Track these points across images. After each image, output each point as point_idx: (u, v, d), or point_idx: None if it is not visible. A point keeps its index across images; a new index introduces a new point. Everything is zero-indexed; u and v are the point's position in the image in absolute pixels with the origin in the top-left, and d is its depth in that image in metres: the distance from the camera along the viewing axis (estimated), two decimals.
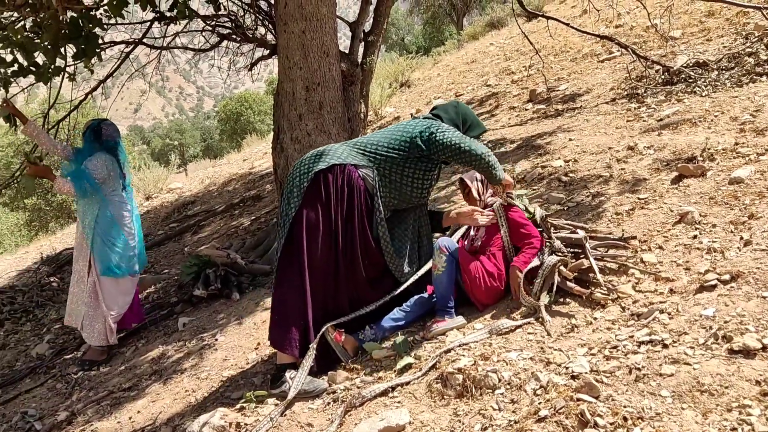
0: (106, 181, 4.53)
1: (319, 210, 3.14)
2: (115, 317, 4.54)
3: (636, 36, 8.00)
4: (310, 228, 3.13)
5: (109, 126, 4.69)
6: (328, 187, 3.15)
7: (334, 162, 3.18)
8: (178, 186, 12.31)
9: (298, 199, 3.16)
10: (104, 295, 4.51)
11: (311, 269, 3.14)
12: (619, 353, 2.52)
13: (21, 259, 10.02)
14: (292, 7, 5.01)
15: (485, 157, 3.17)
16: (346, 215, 3.18)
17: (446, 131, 3.20)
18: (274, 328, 3.19)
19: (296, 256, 3.15)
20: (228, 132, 41.46)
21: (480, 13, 24.95)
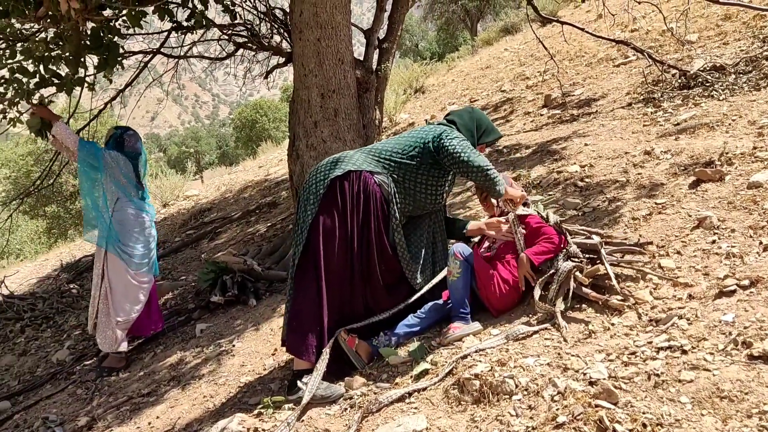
0: (119, 180, 4.57)
1: (335, 216, 3.16)
2: (122, 324, 4.55)
3: (652, 40, 7.96)
4: (326, 234, 3.15)
5: (131, 136, 4.73)
6: (344, 193, 3.17)
7: (349, 168, 3.20)
8: (194, 193, 12.41)
9: (314, 206, 3.18)
10: (113, 301, 4.54)
11: (327, 275, 3.16)
12: (638, 359, 2.51)
13: (41, 266, 10.14)
14: (307, 15, 5.05)
15: (484, 169, 3.15)
16: (362, 222, 3.19)
17: (454, 139, 3.20)
18: (290, 333, 3.20)
19: (312, 262, 3.17)
20: (243, 139, 41.75)
21: (494, 18, 24.94)
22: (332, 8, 5.06)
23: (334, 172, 3.20)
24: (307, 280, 3.18)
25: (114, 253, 4.55)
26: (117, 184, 4.58)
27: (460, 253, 3.25)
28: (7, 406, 4.44)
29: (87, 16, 3.99)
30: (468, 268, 3.25)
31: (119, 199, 4.60)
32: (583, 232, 3.47)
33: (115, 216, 4.58)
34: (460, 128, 3.37)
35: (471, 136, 3.39)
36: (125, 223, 4.59)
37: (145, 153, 4.88)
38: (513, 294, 3.31)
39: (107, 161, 4.53)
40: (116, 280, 4.57)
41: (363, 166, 3.23)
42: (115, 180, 4.57)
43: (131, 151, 4.69)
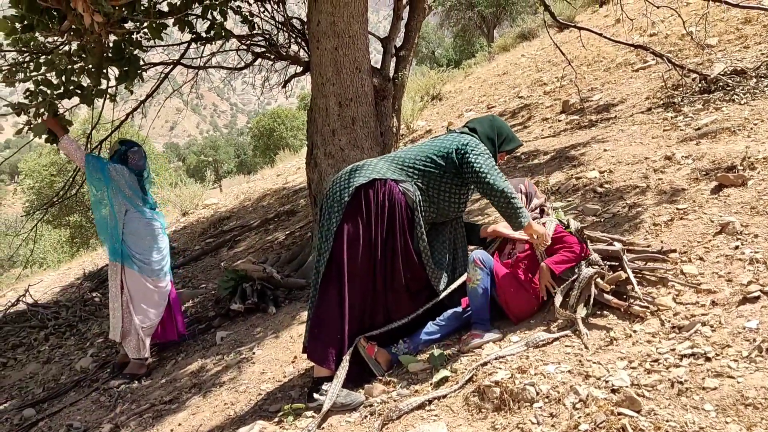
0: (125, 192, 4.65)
1: (359, 224, 3.17)
2: (146, 330, 4.64)
3: (671, 44, 7.90)
4: (350, 242, 3.16)
5: (135, 153, 4.80)
6: (368, 201, 3.18)
7: (374, 177, 3.21)
8: (213, 202, 12.51)
9: (338, 213, 3.19)
10: (134, 309, 4.63)
11: (350, 284, 3.17)
12: (661, 366, 2.49)
13: (64, 275, 10.28)
14: (324, 24, 5.09)
15: (508, 196, 3.13)
16: (387, 230, 3.20)
17: (480, 155, 3.20)
18: (311, 341, 3.22)
19: (336, 270, 3.18)
20: (261, 148, 42.05)
21: (510, 24, 24.90)
22: (349, 17, 5.09)
23: (358, 180, 3.21)
24: (330, 288, 3.19)
25: (129, 265, 4.64)
26: (123, 195, 4.67)
27: (480, 260, 3.24)
28: (32, 413, 4.51)
29: (109, 29, 4.06)
30: (488, 275, 3.24)
31: (128, 210, 4.69)
32: (604, 238, 3.45)
33: (127, 227, 4.67)
34: (481, 137, 3.37)
35: (492, 145, 3.40)
36: (138, 233, 4.68)
37: (148, 167, 4.97)
38: (533, 301, 3.29)
39: (112, 174, 4.63)
40: (135, 289, 4.65)
41: (387, 174, 3.24)
42: (121, 192, 4.66)
43: (135, 168, 4.79)
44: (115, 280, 4.69)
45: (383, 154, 5.62)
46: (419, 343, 3.31)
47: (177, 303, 4.97)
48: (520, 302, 3.28)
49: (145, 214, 4.75)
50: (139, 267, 4.64)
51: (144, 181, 4.86)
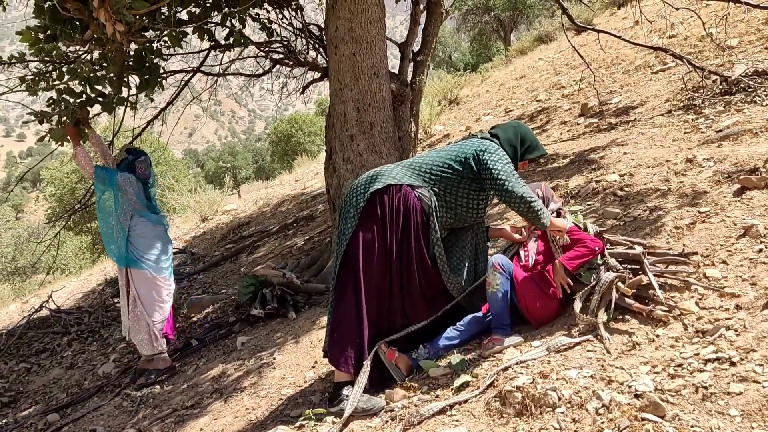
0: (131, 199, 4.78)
1: (375, 230, 3.18)
2: (158, 324, 4.77)
3: (691, 46, 7.83)
4: (365, 247, 3.18)
5: (142, 163, 4.91)
6: (383, 207, 3.19)
7: (389, 182, 3.22)
8: (232, 207, 12.59)
9: (354, 219, 3.21)
10: (145, 307, 4.74)
11: (367, 288, 3.18)
12: (685, 371, 2.46)
13: (86, 281, 10.41)
14: (342, 30, 5.12)
15: (527, 201, 3.14)
16: (402, 235, 3.21)
17: (498, 161, 3.19)
18: (331, 345, 3.23)
19: (352, 275, 3.20)
20: (279, 153, 42.23)
21: (527, 28, 24.81)
22: (367, 23, 5.12)
23: (373, 185, 3.23)
24: (347, 292, 3.21)
25: (138, 267, 4.78)
26: (129, 203, 4.81)
27: (499, 264, 3.23)
28: (56, 418, 4.57)
29: (131, 38, 4.12)
30: (507, 279, 3.23)
31: (133, 215, 4.83)
32: (624, 242, 3.42)
33: (134, 230, 4.82)
34: (503, 143, 3.36)
35: (513, 151, 3.37)
36: (145, 234, 4.84)
37: (154, 175, 5.10)
38: (553, 305, 3.27)
39: (120, 183, 4.76)
40: (143, 288, 4.80)
41: (403, 179, 3.25)
42: (127, 199, 4.80)
43: (143, 177, 4.91)
44: (123, 284, 4.85)
45: (402, 158, 5.63)
46: (439, 349, 3.31)
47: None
48: (541, 306, 3.26)
49: (150, 217, 4.92)
50: (148, 266, 4.80)
51: (149, 188, 4.99)
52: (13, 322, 7.80)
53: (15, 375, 5.76)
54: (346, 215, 3.27)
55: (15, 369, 5.88)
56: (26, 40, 4.71)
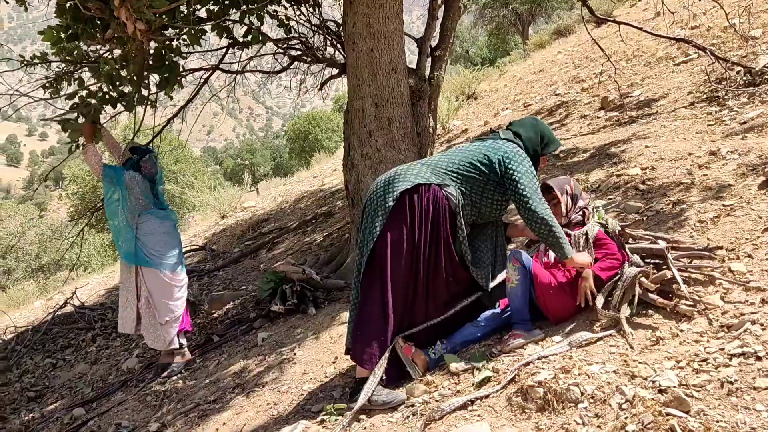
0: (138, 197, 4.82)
1: (403, 229, 3.18)
2: (170, 323, 4.79)
3: (714, 37, 7.71)
4: (394, 246, 3.18)
5: (147, 161, 4.93)
6: (413, 206, 3.19)
7: (419, 181, 3.22)
8: (251, 204, 12.67)
9: (382, 218, 3.20)
10: (156, 305, 4.79)
11: (393, 288, 3.18)
12: (710, 366, 2.43)
13: (108, 277, 10.54)
14: (360, 26, 5.11)
15: (549, 224, 3.12)
16: (431, 235, 3.20)
17: (524, 174, 3.18)
18: (355, 343, 3.24)
19: (379, 273, 3.20)
20: (297, 150, 42.40)
21: (546, 21, 24.62)
22: (385, 18, 5.10)
23: (403, 184, 3.22)
24: (373, 290, 3.21)
25: (147, 265, 4.80)
26: (136, 201, 4.84)
27: (518, 260, 3.21)
28: (81, 412, 4.64)
29: (151, 37, 4.15)
30: (527, 274, 3.21)
31: (141, 213, 4.86)
32: (647, 237, 3.38)
33: (141, 229, 4.83)
34: (525, 142, 3.36)
35: (534, 149, 3.38)
36: (153, 231, 4.85)
37: (161, 172, 5.13)
38: (572, 302, 3.24)
39: (127, 182, 4.79)
40: (154, 286, 4.82)
41: (432, 179, 3.24)
42: (135, 197, 4.82)
43: (148, 175, 4.93)
44: (129, 281, 4.87)
45: (420, 154, 5.61)
46: (457, 344, 3.30)
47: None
48: (560, 303, 3.24)
49: (157, 214, 4.93)
50: (157, 264, 4.81)
51: (156, 186, 5.02)
52: (38, 318, 7.93)
53: (41, 370, 5.86)
54: (373, 214, 3.26)
55: (41, 364, 5.98)
56: (48, 40, 4.77)
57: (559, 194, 3.42)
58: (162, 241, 4.86)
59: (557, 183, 3.47)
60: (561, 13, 21.56)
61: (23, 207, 25.60)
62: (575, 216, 3.42)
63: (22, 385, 5.58)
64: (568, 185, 3.47)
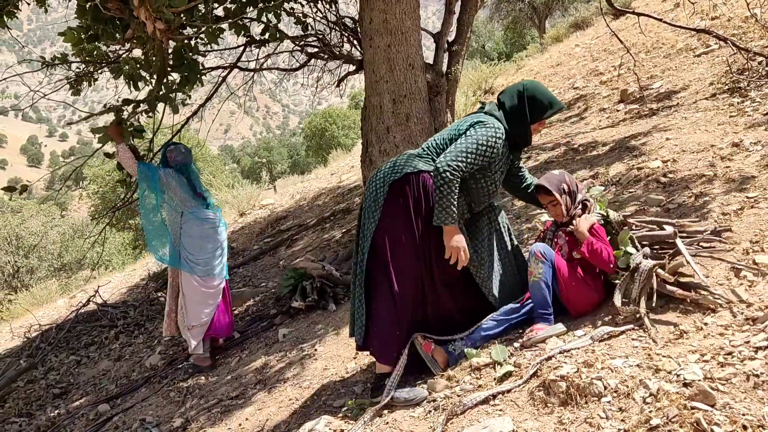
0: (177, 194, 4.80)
1: (399, 221, 3.15)
2: (195, 329, 4.80)
3: (735, 27, 7.60)
4: (393, 239, 3.15)
5: (171, 151, 4.93)
6: (405, 197, 3.16)
7: (407, 170, 3.18)
8: (269, 202, 12.74)
9: (377, 212, 3.18)
10: (186, 309, 4.82)
11: (399, 280, 3.15)
12: (735, 359, 2.40)
13: (129, 276, 10.66)
14: (377, 22, 5.11)
15: (448, 178, 3.02)
16: (426, 222, 3.17)
17: (473, 136, 3.09)
18: (372, 339, 3.24)
19: (383, 267, 3.18)
20: (314, 147, 42.56)
21: (563, 14, 24.42)
22: (401, 14, 5.10)
23: (393, 176, 3.19)
24: (380, 286, 3.20)
25: (183, 268, 4.83)
26: (177, 199, 4.82)
27: (541, 253, 3.19)
28: (106, 408, 4.70)
29: (170, 36, 4.19)
30: (550, 267, 3.19)
31: (183, 213, 4.84)
32: (653, 222, 3.27)
33: (184, 229, 4.83)
34: (509, 110, 3.25)
35: (521, 117, 3.24)
36: (192, 234, 4.83)
37: (191, 161, 5.02)
38: (594, 296, 3.22)
39: (162, 179, 4.78)
40: (188, 290, 4.84)
41: (420, 165, 3.20)
42: (174, 193, 4.81)
43: (175, 164, 4.90)
44: (173, 284, 4.93)
45: None
46: (477, 340, 3.27)
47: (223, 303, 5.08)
48: (583, 297, 3.21)
49: (198, 214, 4.87)
50: (191, 268, 4.80)
51: (193, 178, 4.95)
52: (61, 316, 8.04)
53: (65, 367, 5.94)
54: (368, 210, 3.24)
55: (65, 361, 6.07)
56: (69, 41, 4.83)
57: (557, 195, 3.27)
58: (197, 245, 4.83)
59: (553, 182, 3.30)
60: (578, 5, 21.37)
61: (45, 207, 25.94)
62: (576, 211, 3.32)
63: (48, 382, 5.67)
64: (564, 183, 3.31)
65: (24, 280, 20.21)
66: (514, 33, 29.24)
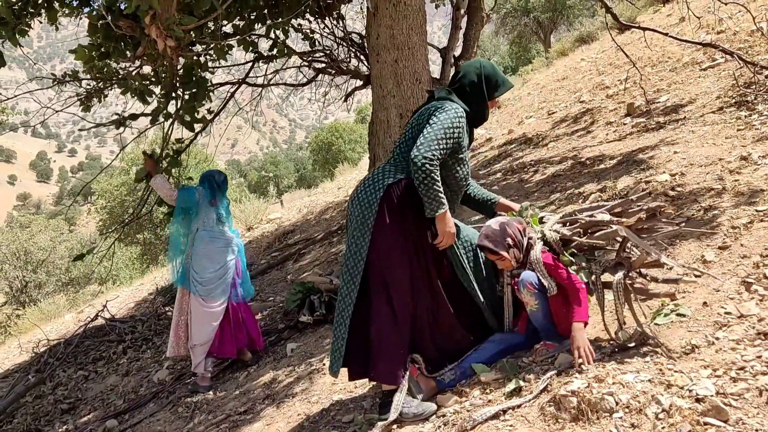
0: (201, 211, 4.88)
1: (390, 236, 3.12)
2: (197, 348, 4.80)
3: (741, 41, 7.61)
4: (387, 256, 3.13)
5: (217, 175, 5.10)
6: (393, 210, 3.13)
7: (388, 183, 3.15)
8: (277, 216, 12.77)
9: (368, 234, 3.14)
10: (190, 328, 4.84)
11: (398, 296, 3.12)
12: (747, 374, 2.39)
13: (137, 290, 10.69)
14: (384, 37, 5.16)
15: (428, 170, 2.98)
16: (415, 225, 3.15)
17: (439, 120, 3.06)
18: (376, 363, 3.16)
19: (380, 287, 3.15)
20: (320, 162, 42.71)
21: (568, 29, 24.52)
22: (408, 29, 5.15)
23: (377, 194, 3.14)
24: (379, 306, 3.15)
25: (188, 287, 4.87)
26: (199, 217, 4.90)
27: (532, 284, 3.06)
28: (114, 424, 4.70)
29: (180, 53, 4.23)
30: (544, 295, 3.11)
31: (198, 228, 4.89)
32: (587, 218, 3.08)
33: (194, 245, 4.87)
34: (469, 89, 3.25)
35: (481, 93, 3.25)
36: (199, 251, 4.86)
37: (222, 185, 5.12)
38: None
39: (198, 200, 4.88)
40: (193, 308, 4.86)
41: (398, 174, 3.18)
42: (198, 213, 4.90)
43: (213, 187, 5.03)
44: (181, 301, 4.96)
45: None
46: (466, 369, 3.22)
47: (249, 319, 5.08)
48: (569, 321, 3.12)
49: (212, 232, 4.89)
50: (194, 287, 4.82)
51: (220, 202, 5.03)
52: (69, 331, 8.07)
53: (74, 382, 5.95)
54: (358, 232, 3.18)
55: (73, 377, 6.08)
56: (80, 58, 4.89)
57: (504, 253, 3.09)
58: (202, 264, 4.84)
59: (496, 241, 3.10)
60: (583, 20, 21.46)
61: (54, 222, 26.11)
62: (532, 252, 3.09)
63: (56, 397, 5.68)
64: (508, 237, 3.10)
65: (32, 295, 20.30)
66: (519, 47, 29.37)
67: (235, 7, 4.82)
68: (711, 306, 2.96)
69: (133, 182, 5.37)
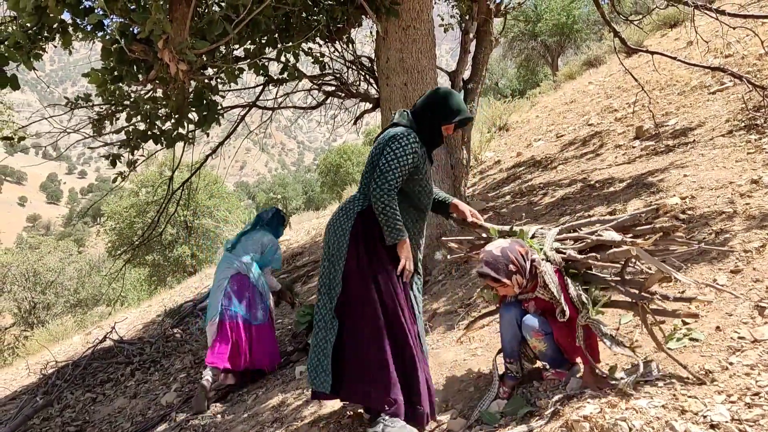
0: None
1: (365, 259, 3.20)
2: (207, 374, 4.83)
3: (749, 65, 7.63)
4: (364, 279, 3.19)
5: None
6: (366, 235, 3.22)
7: (357, 211, 3.26)
8: (285, 238, 12.78)
9: (342, 260, 3.24)
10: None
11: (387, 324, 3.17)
12: (762, 400, 2.35)
13: (145, 312, 10.68)
14: (393, 61, 5.20)
15: (386, 202, 3.07)
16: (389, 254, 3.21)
17: (387, 153, 3.11)
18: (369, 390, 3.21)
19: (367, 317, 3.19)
20: (329, 184, 42.85)
21: (575, 52, 24.65)
22: (418, 53, 5.19)
23: (349, 223, 3.26)
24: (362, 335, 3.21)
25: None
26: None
27: (537, 332, 3.03)
28: None
29: (191, 77, 4.28)
30: (550, 336, 3.08)
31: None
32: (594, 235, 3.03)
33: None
34: (420, 109, 3.30)
35: (431, 115, 3.28)
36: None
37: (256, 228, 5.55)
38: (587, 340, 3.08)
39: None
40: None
41: (365, 203, 3.26)
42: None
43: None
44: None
45: (454, 186, 5.63)
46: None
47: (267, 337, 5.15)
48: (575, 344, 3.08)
49: (224, 259, 5.23)
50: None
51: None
52: (77, 352, 8.06)
53: (81, 405, 5.92)
54: (334, 258, 3.28)
55: (81, 399, 6.05)
56: (94, 82, 4.94)
57: (506, 280, 2.96)
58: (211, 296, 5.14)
59: (496, 265, 2.96)
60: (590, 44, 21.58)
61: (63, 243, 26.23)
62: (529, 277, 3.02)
63: (63, 419, 5.65)
64: (510, 263, 2.95)
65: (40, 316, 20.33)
66: (527, 70, 29.50)
67: (247, 32, 4.87)
68: (724, 330, 2.93)
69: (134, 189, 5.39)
